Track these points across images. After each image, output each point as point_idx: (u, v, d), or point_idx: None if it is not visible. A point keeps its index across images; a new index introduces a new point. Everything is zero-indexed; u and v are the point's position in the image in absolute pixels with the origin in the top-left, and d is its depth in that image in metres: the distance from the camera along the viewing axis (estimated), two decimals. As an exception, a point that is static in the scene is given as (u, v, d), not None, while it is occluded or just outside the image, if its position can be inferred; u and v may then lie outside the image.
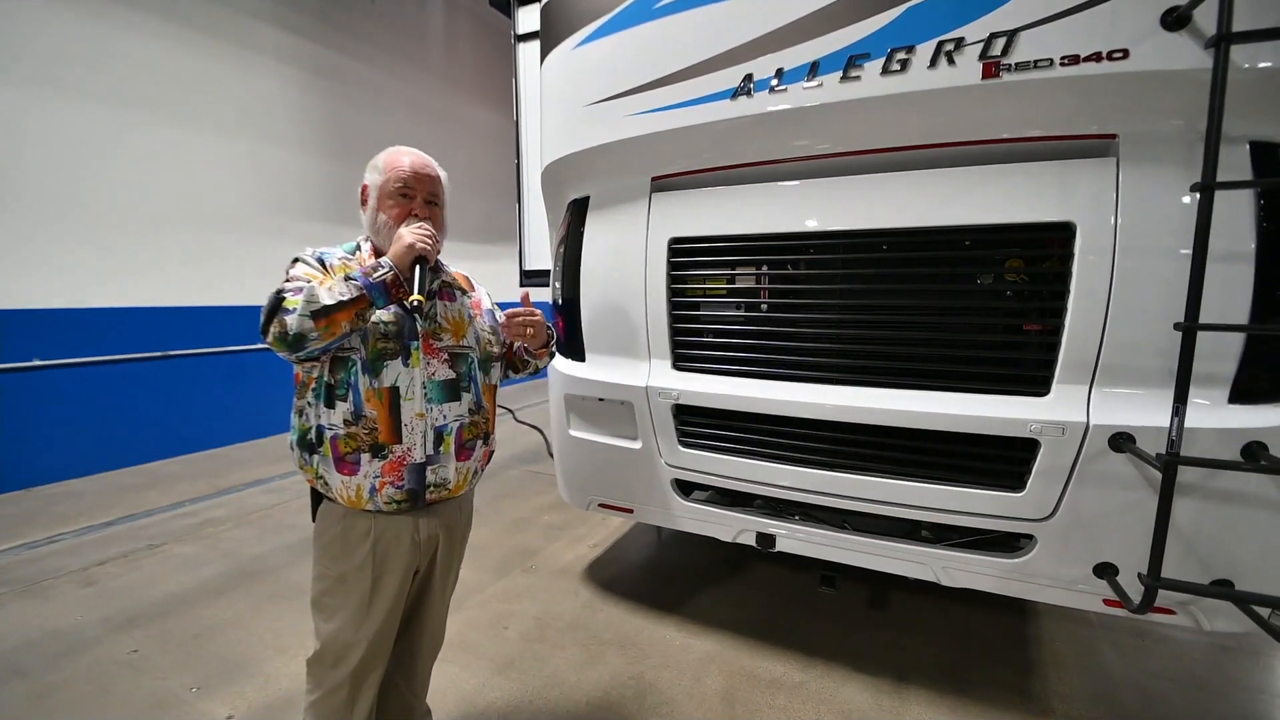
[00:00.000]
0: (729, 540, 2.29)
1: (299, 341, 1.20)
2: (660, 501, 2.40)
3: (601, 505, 2.59)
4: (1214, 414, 1.56)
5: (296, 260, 1.37)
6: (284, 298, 1.22)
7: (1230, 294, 1.51)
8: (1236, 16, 1.33)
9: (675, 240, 2.22)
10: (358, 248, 1.47)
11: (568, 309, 2.51)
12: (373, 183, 1.45)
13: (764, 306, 2.22)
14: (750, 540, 2.24)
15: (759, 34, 1.89)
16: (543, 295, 2.75)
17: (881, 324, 1.96)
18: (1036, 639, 2.52)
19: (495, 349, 1.58)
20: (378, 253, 1.43)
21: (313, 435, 1.37)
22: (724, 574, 3.06)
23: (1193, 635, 2.55)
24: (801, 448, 2.05)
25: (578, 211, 2.49)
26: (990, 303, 1.92)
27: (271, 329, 1.20)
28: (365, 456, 1.35)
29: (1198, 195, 1.37)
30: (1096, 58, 1.49)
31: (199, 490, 4.32)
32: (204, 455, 5.23)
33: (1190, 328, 1.36)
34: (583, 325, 2.48)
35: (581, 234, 2.45)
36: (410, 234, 1.33)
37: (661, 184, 2.29)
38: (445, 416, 1.42)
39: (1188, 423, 1.45)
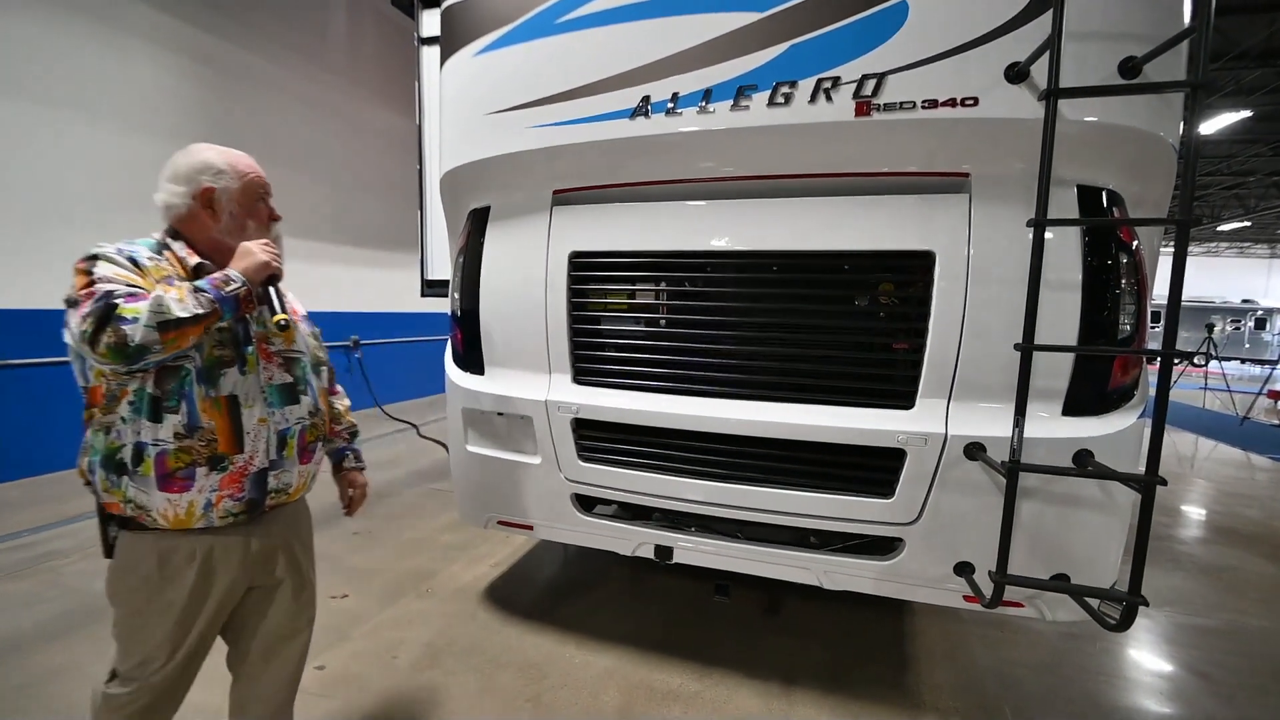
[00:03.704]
0: (628, 554, 2.29)
1: (140, 354, 1.11)
2: (560, 517, 2.37)
3: (501, 523, 2.52)
4: (1051, 425, 1.75)
5: (96, 258, 1.21)
6: (116, 304, 1.10)
7: (1063, 318, 1.71)
8: (1066, 74, 1.51)
9: (576, 254, 2.22)
10: (164, 246, 1.34)
11: (467, 321, 2.44)
12: (223, 186, 1.36)
13: (662, 322, 2.26)
14: (649, 553, 2.26)
15: (657, 58, 1.93)
16: (444, 306, 2.67)
17: (768, 341, 2.06)
18: (912, 635, 2.70)
19: (322, 353, 1.60)
20: (203, 257, 1.34)
21: (126, 454, 1.26)
22: (628, 587, 3.06)
23: (1044, 625, 2.82)
24: (697, 460, 2.10)
25: (478, 221, 2.43)
26: (866, 323, 2.06)
27: (104, 339, 1.09)
28: (201, 470, 1.27)
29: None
30: (952, 103, 1.65)
31: (40, 518, 3.78)
32: (49, 479, 4.60)
33: (1027, 348, 1.52)
34: (482, 338, 2.42)
35: (482, 244, 2.40)
36: (264, 252, 1.31)
37: (563, 198, 2.29)
38: (288, 420, 1.40)
39: (1029, 433, 1.62)
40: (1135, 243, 1.75)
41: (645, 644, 2.54)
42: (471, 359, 2.46)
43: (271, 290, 1.32)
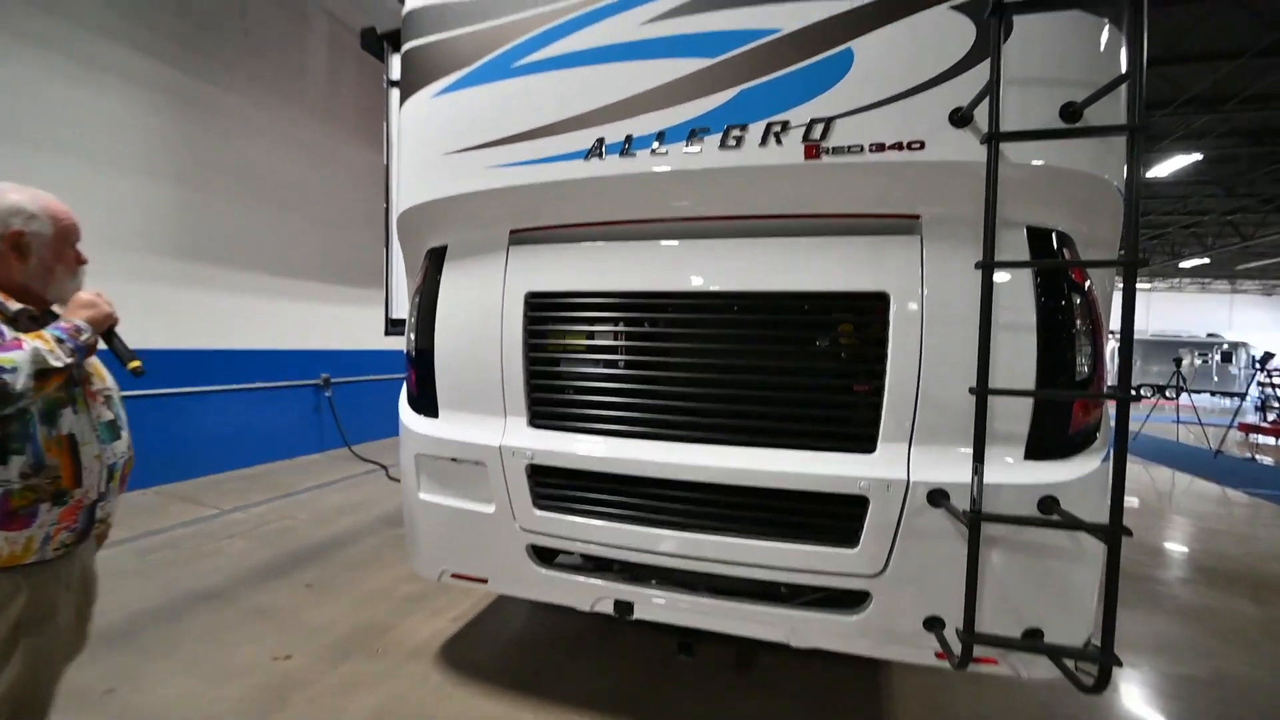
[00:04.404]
0: (586, 609, 2.16)
1: (18, 400, 1.19)
2: (515, 570, 2.24)
3: (455, 576, 2.39)
4: (1014, 471, 1.70)
5: None
6: None
7: (1019, 360, 1.68)
8: (1009, 119, 1.52)
9: (532, 295, 2.17)
10: None
11: (421, 361, 2.36)
12: (34, 231, 1.39)
13: (619, 364, 2.20)
14: (608, 609, 2.14)
15: (611, 100, 1.93)
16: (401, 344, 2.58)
17: (727, 383, 2.00)
18: (889, 689, 2.58)
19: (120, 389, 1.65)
20: (23, 301, 1.37)
21: None
22: (592, 644, 2.90)
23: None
24: (655, 508, 2.01)
25: (435, 260, 2.38)
26: (826, 364, 2.01)
27: None
28: (44, 506, 1.32)
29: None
30: (899, 147, 1.65)
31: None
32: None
33: (981, 392, 1.48)
34: (436, 379, 2.34)
35: (438, 284, 2.34)
36: (105, 303, 1.44)
37: (520, 237, 2.25)
38: (115, 454, 1.49)
39: (992, 479, 1.56)
40: (1087, 283, 1.74)
41: (606, 707, 2.39)
42: (425, 401, 2.37)
43: (118, 338, 1.47)
